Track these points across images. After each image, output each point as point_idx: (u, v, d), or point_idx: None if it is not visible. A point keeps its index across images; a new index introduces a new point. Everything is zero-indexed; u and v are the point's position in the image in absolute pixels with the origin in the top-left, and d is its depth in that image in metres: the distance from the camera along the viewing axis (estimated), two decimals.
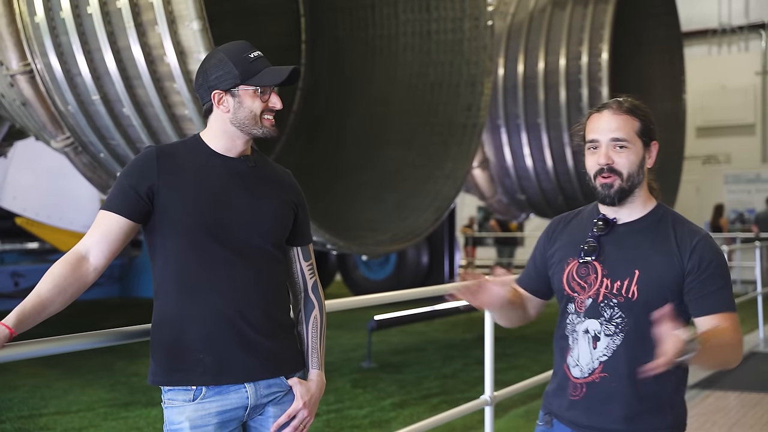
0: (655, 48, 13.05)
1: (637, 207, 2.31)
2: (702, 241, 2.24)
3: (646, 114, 2.30)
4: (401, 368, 8.48)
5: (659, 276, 2.22)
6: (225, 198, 2.42)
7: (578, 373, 2.31)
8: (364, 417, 6.50)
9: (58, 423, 6.40)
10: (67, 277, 2.27)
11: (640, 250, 2.26)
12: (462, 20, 8.01)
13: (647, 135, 2.29)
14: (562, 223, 2.46)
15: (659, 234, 2.27)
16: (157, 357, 2.41)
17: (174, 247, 2.38)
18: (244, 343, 2.39)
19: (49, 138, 6.40)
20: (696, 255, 2.21)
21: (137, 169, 2.40)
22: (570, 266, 2.32)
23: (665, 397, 2.26)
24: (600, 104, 2.37)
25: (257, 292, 2.43)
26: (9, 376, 8.02)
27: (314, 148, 8.81)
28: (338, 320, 11.40)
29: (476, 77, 7.93)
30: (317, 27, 9.25)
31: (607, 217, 2.32)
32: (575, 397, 2.32)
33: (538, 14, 10.76)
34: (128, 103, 5.47)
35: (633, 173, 2.25)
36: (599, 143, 2.26)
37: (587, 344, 2.27)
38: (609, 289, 2.24)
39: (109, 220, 2.36)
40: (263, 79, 2.41)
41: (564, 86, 10.23)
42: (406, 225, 7.27)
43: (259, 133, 2.45)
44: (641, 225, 2.30)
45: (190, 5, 4.93)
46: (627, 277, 2.23)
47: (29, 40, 5.84)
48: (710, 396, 7.06)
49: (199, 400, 2.37)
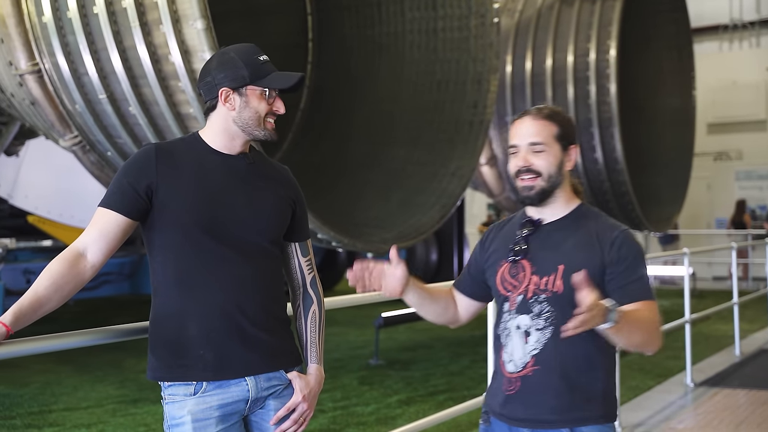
0: (664, 44, 13.00)
1: (560, 206, 2.44)
2: (621, 234, 2.36)
3: (564, 120, 2.43)
4: (408, 365, 8.51)
5: (581, 269, 2.27)
6: (223, 195, 2.44)
7: (512, 368, 2.41)
8: (370, 414, 6.53)
9: (68, 419, 6.47)
10: (65, 274, 2.29)
11: (565, 246, 2.37)
12: (468, 18, 8.02)
13: (566, 139, 2.41)
14: (495, 230, 2.61)
15: (581, 230, 2.39)
16: (157, 353, 2.43)
17: (172, 244, 2.41)
18: (244, 338, 2.42)
19: (58, 137, 6.46)
20: (615, 247, 2.33)
21: (136, 166, 2.41)
22: (502, 268, 2.45)
23: (597, 387, 2.35)
24: (521, 112, 2.49)
25: (255, 288, 2.45)
26: (21, 373, 8.11)
27: (321, 145, 8.83)
28: (346, 317, 11.45)
29: (482, 74, 7.94)
30: (324, 25, 9.28)
31: (533, 218, 2.45)
32: (510, 391, 2.41)
33: (545, 11, 10.75)
34: (134, 101, 5.52)
35: (552, 174, 2.37)
36: (518, 147, 2.40)
37: (520, 339, 2.38)
38: (537, 285, 2.36)
39: (108, 218, 2.37)
40: (272, 82, 2.45)
41: (572, 83, 10.21)
42: (412, 222, 7.29)
43: (260, 135, 2.48)
44: (564, 223, 2.42)
45: (194, 4, 4.97)
46: (552, 272, 2.35)
47: (37, 40, 5.89)
48: (718, 393, 7.04)
49: (200, 394, 2.39)
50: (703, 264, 17.88)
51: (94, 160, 6.41)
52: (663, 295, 14.66)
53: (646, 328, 2.26)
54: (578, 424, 2.34)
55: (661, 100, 13.08)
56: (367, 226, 7.20)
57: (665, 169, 12.72)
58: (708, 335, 10.29)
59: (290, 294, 2.69)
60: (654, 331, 2.29)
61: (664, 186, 12.60)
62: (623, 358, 8.40)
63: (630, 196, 10.46)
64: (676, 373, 7.81)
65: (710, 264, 18.21)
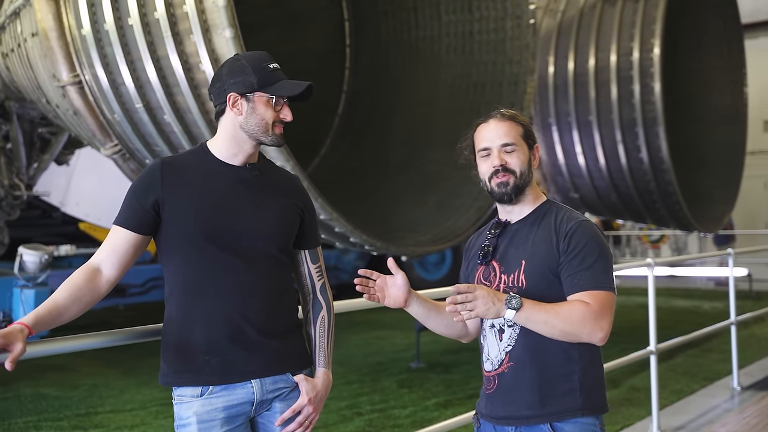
0: (714, 41, 12.71)
1: (527, 204, 2.49)
2: (576, 224, 2.39)
3: (525, 121, 2.53)
4: (449, 368, 8.49)
5: (541, 262, 2.36)
6: (229, 206, 2.50)
7: (489, 366, 2.46)
8: (407, 417, 6.54)
9: (112, 421, 6.63)
10: (82, 287, 2.39)
11: (528, 242, 2.42)
12: (504, 20, 7.99)
13: (530, 138, 2.50)
14: (474, 237, 2.68)
15: (543, 224, 2.44)
16: (167, 358, 2.51)
17: (181, 254, 2.48)
18: (248, 345, 2.48)
19: (99, 145, 6.63)
20: (568, 237, 2.36)
21: (143, 183, 2.50)
22: (478, 272, 2.51)
23: (573, 380, 2.35)
24: (483, 117, 2.55)
25: (261, 296, 2.51)
26: (71, 376, 8.34)
27: (358, 150, 8.89)
28: (392, 320, 11.48)
29: (519, 76, 7.90)
30: (361, 31, 9.33)
31: (500, 220, 2.51)
32: (489, 390, 2.46)
33: (588, 11, 10.62)
34: (168, 110, 5.64)
35: (524, 171, 2.46)
36: (491, 149, 2.45)
37: (494, 338, 2.43)
38: (507, 284, 2.40)
39: (119, 235, 2.47)
40: (279, 89, 2.49)
41: (615, 83, 10.06)
42: (448, 225, 7.29)
43: (267, 141, 2.53)
44: (529, 220, 2.48)
45: (223, 14, 5.06)
46: (516, 268, 2.40)
47: (77, 53, 6.07)
48: (766, 397, 6.88)
49: (206, 395, 2.46)
50: (761, 265, 17.43)
51: (134, 168, 6.57)
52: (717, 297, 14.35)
53: (566, 318, 2.25)
54: (556, 418, 2.34)
55: (711, 98, 12.79)
56: (402, 230, 7.22)
57: (716, 168, 12.43)
58: (761, 338, 10.03)
59: (301, 300, 2.74)
60: (582, 319, 2.26)
61: (714, 186, 12.31)
62: (667, 362, 8.26)
63: (677, 196, 10.26)
64: (723, 376, 7.65)
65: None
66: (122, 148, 6.44)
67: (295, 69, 8.86)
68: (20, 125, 8.75)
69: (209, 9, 5.16)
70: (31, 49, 6.77)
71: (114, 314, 11.91)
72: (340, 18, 9.39)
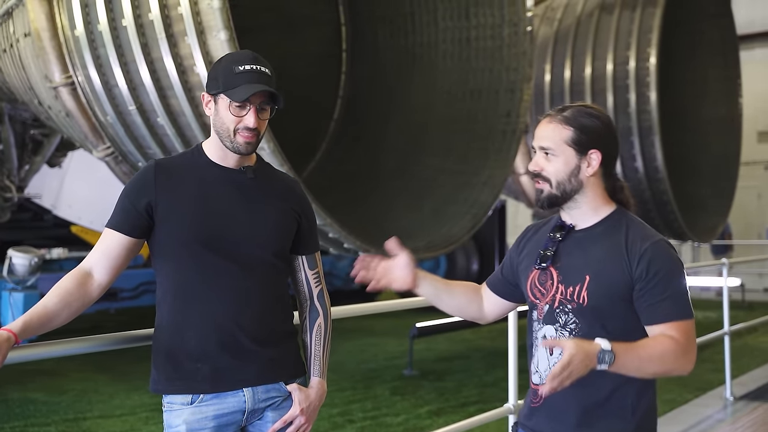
0: (710, 51, 12.75)
1: (588, 213, 2.29)
2: (651, 247, 2.18)
3: (582, 124, 2.23)
4: (443, 376, 8.44)
5: (608, 282, 2.19)
6: (223, 209, 2.43)
7: (537, 379, 2.31)
8: (399, 424, 6.49)
9: (101, 426, 6.55)
10: (73, 292, 2.34)
11: (593, 255, 2.23)
12: (501, 27, 7.97)
13: (581, 144, 2.23)
14: (532, 232, 2.47)
15: (612, 239, 2.23)
16: (157, 365, 2.45)
17: (174, 258, 2.42)
18: (240, 352, 2.42)
19: (92, 148, 6.58)
20: (644, 261, 2.16)
21: (136, 186, 2.44)
22: (533, 274, 2.33)
23: (626, 403, 2.22)
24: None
25: (255, 301, 2.44)
26: (60, 380, 8.25)
27: (354, 155, 8.86)
28: (386, 327, 11.42)
29: (516, 83, 7.87)
30: (358, 36, 9.31)
31: (565, 223, 2.32)
32: (535, 404, 2.32)
33: (585, 19, 10.63)
34: (162, 112, 5.59)
35: (562, 181, 2.24)
36: (535, 150, 2.28)
37: (545, 350, 2.26)
38: (564, 295, 2.24)
39: (111, 238, 2.41)
40: (236, 93, 2.36)
41: (611, 91, 10.08)
42: (443, 232, 7.25)
43: (228, 146, 2.43)
44: (596, 231, 2.27)
45: (218, 16, 5.02)
46: (578, 282, 2.21)
47: (70, 54, 6.02)
48: (759, 408, 6.85)
49: (197, 403, 2.40)
50: (753, 275, 17.46)
51: (126, 171, 6.51)
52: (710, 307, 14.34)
53: (659, 359, 2.08)
54: None
55: (706, 108, 12.82)
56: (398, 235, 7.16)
57: (710, 178, 12.45)
58: (754, 348, 10.02)
59: (297, 306, 2.67)
60: (675, 357, 2.10)
61: (709, 196, 12.33)
62: None
63: (672, 205, 10.26)
64: (716, 386, 7.61)
65: (761, 275, 17.77)
66: (115, 151, 6.39)
67: (291, 73, 8.80)
68: (12, 127, 8.69)
69: (204, 11, 5.12)
70: (23, 49, 6.71)
71: (105, 318, 11.82)
72: (337, 23, 9.37)
